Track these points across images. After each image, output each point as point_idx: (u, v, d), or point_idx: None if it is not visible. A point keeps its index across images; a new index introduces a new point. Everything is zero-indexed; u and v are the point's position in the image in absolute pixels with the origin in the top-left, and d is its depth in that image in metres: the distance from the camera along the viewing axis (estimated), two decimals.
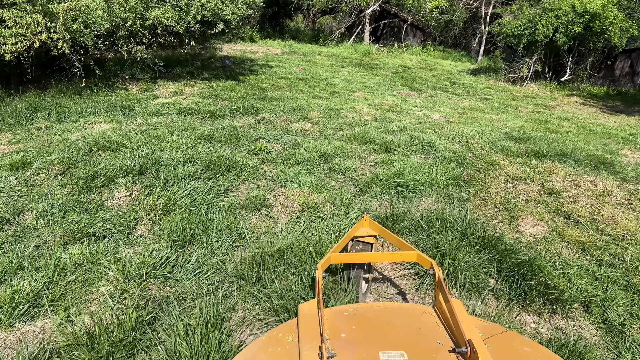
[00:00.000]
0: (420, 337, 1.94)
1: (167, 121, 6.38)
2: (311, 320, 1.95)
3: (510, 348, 1.89)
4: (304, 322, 1.95)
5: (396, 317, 2.08)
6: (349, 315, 2.08)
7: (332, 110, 7.87)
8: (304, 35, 25.81)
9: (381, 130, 6.66)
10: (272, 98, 8.73)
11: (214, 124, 6.47)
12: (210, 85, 9.51)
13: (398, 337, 1.92)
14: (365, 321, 2.03)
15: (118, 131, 5.90)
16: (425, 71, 16.14)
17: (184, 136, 5.60)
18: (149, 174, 4.54)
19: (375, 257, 2.68)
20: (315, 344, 1.79)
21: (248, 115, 7.05)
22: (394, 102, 9.60)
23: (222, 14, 8.66)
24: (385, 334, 1.94)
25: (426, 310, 2.13)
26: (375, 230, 2.87)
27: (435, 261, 2.49)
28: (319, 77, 12.39)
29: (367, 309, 2.16)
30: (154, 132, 5.69)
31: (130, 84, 9.16)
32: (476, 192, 4.77)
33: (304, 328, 1.91)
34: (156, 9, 8.31)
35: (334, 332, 1.93)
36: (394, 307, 2.30)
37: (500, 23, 15.40)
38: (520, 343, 1.93)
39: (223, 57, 13.91)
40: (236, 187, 4.50)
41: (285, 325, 2.02)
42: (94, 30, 7.67)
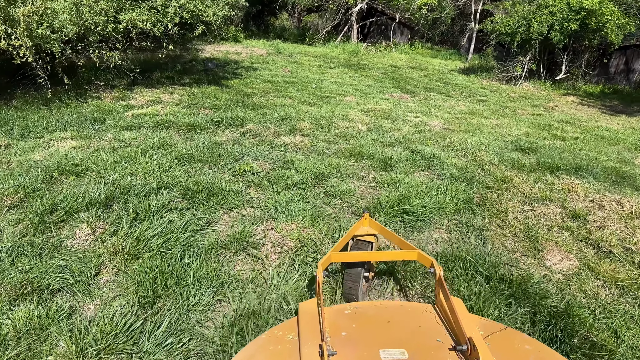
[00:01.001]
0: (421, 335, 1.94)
1: (141, 137, 5.73)
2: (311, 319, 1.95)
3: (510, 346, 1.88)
4: (304, 320, 1.96)
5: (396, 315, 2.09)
6: (349, 313, 2.08)
7: (324, 119, 7.27)
8: (290, 34, 25.15)
9: (379, 143, 6.09)
10: (258, 105, 8.11)
11: (194, 138, 5.85)
12: (191, 92, 8.86)
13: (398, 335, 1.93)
14: (365, 319, 2.04)
15: (85, 150, 5.26)
16: (416, 71, 15.61)
17: (159, 156, 4.97)
18: (116, 205, 3.91)
19: (375, 256, 2.67)
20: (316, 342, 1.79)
21: (232, 128, 6.43)
22: (388, 106, 9.04)
23: (202, 15, 8.02)
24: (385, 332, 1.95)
25: (426, 309, 2.13)
26: (376, 229, 2.87)
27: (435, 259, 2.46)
28: (307, 79, 11.78)
29: (368, 308, 2.16)
30: (125, 152, 5.05)
31: (105, 91, 8.48)
32: (492, 217, 4.21)
33: (304, 326, 1.92)
34: (130, 11, 7.64)
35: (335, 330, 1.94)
36: (394, 305, 2.27)
37: (493, 20, 14.92)
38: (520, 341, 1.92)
39: (205, 59, 13.24)
40: (218, 219, 3.89)
41: (286, 324, 2.02)
42: (61, 36, 6.98)
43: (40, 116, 6.47)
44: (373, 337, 1.92)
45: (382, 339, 1.90)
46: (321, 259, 2.36)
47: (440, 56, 21.44)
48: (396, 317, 2.07)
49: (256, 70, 12.31)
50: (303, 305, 2.08)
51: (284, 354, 1.82)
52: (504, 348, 1.86)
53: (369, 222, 2.91)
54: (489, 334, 1.93)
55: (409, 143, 6.14)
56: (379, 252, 2.74)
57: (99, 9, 7.25)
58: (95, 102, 7.55)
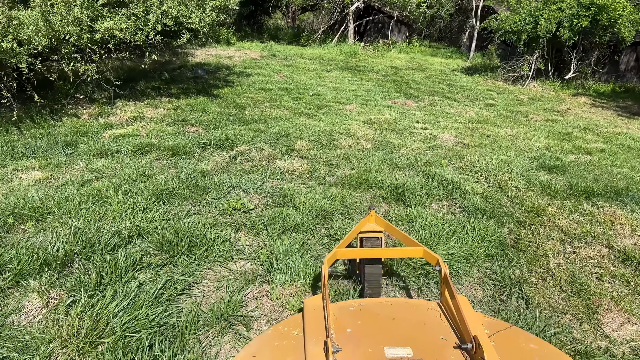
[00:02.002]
0: (426, 333, 1.93)
1: (116, 165, 5.02)
2: (317, 315, 1.95)
3: (515, 345, 1.87)
4: (309, 316, 1.96)
5: (402, 312, 2.08)
6: (354, 310, 2.08)
7: (324, 135, 6.57)
8: (284, 35, 24.41)
9: (387, 165, 5.38)
10: (251, 119, 7.40)
11: (177, 165, 5.14)
12: (177, 105, 8.14)
13: (403, 332, 1.91)
14: (370, 316, 2.03)
15: (51, 184, 4.55)
16: (417, 72, 14.90)
17: (134, 192, 4.26)
18: (76, 265, 3.21)
19: (381, 253, 2.69)
20: (321, 339, 1.78)
21: (221, 150, 5.71)
22: (392, 116, 8.33)
23: (187, 22, 7.29)
24: (390, 329, 1.94)
25: (432, 306, 2.12)
26: (382, 226, 2.87)
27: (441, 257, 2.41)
28: (304, 85, 11.06)
29: (373, 305, 2.15)
30: (96, 187, 4.33)
31: (83, 106, 7.75)
32: (531, 264, 3.52)
33: (309, 322, 1.91)
34: (107, 19, 6.91)
35: (340, 327, 1.93)
36: (399, 302, 2.26)
37: (497, 18, 14.20)
38: (525, 340, 1.91)
39: (195, 65, 12.51)
40: (201, 279, 3.19)
41: (291, 320, 2.04)
42: (29, 49, 6.26)
43: (6, 140, 5.75)
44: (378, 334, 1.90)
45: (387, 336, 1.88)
46: (327, 255, 2.40)
47: (440, 55, 20.72)
48: (401, 315, 2.05)
49: (249, 77, 11.58)
50: (308, 301, 2.07)
51: (289, 349, 1.82)
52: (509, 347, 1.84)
53: (375, 219, 2.89)
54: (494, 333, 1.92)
55: (421, 164, 5.43)
56: (385, 249, 2.78)
57: (72, 17, 6.52)
58: (71, 121, 6.82)
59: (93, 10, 6.81)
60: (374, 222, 2.90)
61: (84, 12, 6.65)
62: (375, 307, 2.12)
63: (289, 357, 1.80)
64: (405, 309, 2.13)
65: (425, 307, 2.13)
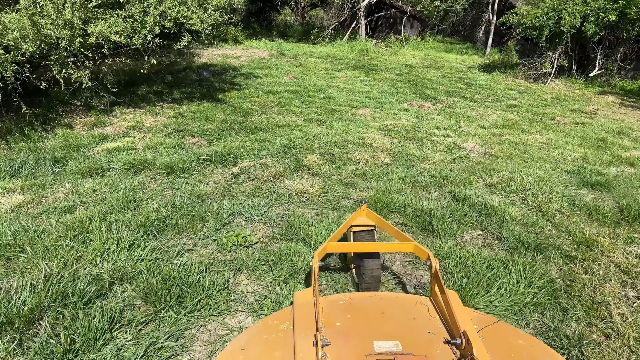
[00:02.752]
0: (415, 328, 1.93)
1: (105, 188, 4.48)
2: (306, 309, 1.94)
3: (504, 340, 1.88)
4: (299, 310, 1.95)
5: (391, 307, 2.07)
6: (344, 304, 2.07)
7: (336, 146, 5.99)
8: (293, 32, 23.80)
9: (409, 184, 4.78)
10: (257, 127, 6.84)
11: (172, 186, 4.59)
12: (179, 112, 7.60)
13: (393, 327, 1.92)
14: (360, 311, 2.03)
15: (31, 211, 4.03)
16: (433, 70, 14.22)
17: (122, 223, 3.72)
18: (45, 323, 2.67)
19: (372, 247, 2.68)
20: (310, 333, 1.78)
21: (223, 167, 5.16)
22: (410, 121, 7.73)
23: (188, 23, 6.73)
24: (380, 323, 1.94)
25: (422, 301, 2.12)
26: (373, 220, 2.88)
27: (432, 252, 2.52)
28: (314, 87, 10.48)
29: (363, 299, 2.14)
30: (78, 217, 3.79)
31: (79, 114, 7.25)
32: (589, 315, 2.92)
33: (299, 316, 1.91)
34: (102, 21, 6.37)
35: (329, 320, 1.93)
36: (389, 297, 2.24)
37: (518, 12, 13.48)
38: (514, 335, 1.92)
39: (201, 66, 11.98)
40: (192, 340, 2.64)
41: (281, 313, 2.02)
42: (15, 56, 5.74)
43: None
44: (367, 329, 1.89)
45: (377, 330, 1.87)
46: (317, 249, 2.41)
47: (455, 50, 19.99)
48: (391, 309, 2.05)
49: (257, 78, 11.02)
50: (298, 295, 2.07)
51: (278, 343, 1.81)
52: (497, 342, 1.84)
53: (367, 212, 2.90)
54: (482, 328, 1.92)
55: (448, 182, 4.82)
56: (376, 244, 2.73)
57: (62, 20, 5.99)
58: (64, 132, 6.30)
59: (86, 12, 6.28)
60: (365, 216, 2.91)
61: (75, 14, 6.12)
62: (364, 301, 2.12)
63: (278, 351, 1.78)
64: (395, 304, 2.12)
65: (415, 302, 2.12)
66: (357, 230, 2.91)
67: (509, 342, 1.89)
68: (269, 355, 1.79)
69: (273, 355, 1.78)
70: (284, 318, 1.98)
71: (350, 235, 2.96)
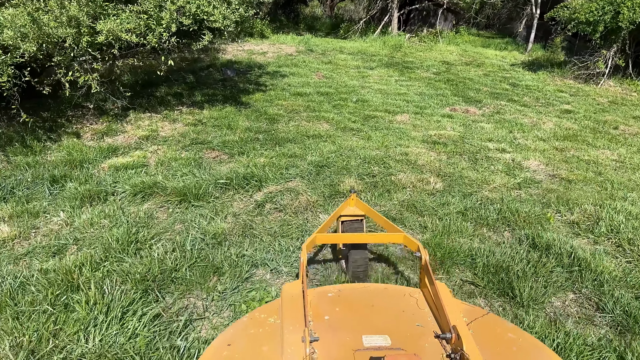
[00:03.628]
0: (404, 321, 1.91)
1: (104, 221, 3.75)
2: (294, 302, 1.90)
3: (493, 333, 1.87)
4: (287, 303, 1.91)
5: (380, 299, 2.05)
6: (332, 296, 2.04)
7: (376, 163, 5.16)
8: (321, 25, 22.87)
9: (471, 221, 3.90)
10: (285, 138, 6.04)
11: (184, 219, 3.82)
12: (199, 119, 6.85)
13: (382, 320, 1.89)
14: (349, 303, 2.00)
15: (11, 255, 3.32)
16: (473, 68, 13.18)
17: (117, 276, 2.96)
18: None
19: (361, 238, 2.71)
20: (298, 327, 1.75)
21: (245, 192, 4.37)
22: (456, 131, 6.83)
23: (209, 20, 5.95)
24: (369, 316, 1.92)
25: (411, 293, 2.10)
26: (362, 210, 2.86)
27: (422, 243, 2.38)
28: (345, 88, 9.62)
29: (352, 291, 2.13)
30: (67, 265, 3.06)
31: (89, 120, 6.57)
32: None
33: (287, 310, 1.87)
34: (112, 17, 5.65)
35: (318, 314, 1.90)
36: (378, 288, 2.22)
37: (568, 6, 12.33)
38: (504, 329, 1.90)
39: (225, 64, 11.24)
40: None
41: (268, 306, 2.00)
42: (13, 57, 5.06)
43: None
44: (356, 322, 1.87)
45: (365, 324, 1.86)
46: (305, 241, 2.40)
47: (493, 46, 18.80)
48: (380, 301, 2.03)
49: (284, 78, 10.21)
50: (286, 287, 2.03)
51: (265, 337, 1.78)
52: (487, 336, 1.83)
53: (356, 202, 2.88)
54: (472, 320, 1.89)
55: (519, 219, 3.92)
56: (364, 235, 2.77)
57: (66, 17, 5.28)
58: (69, 143, 5.62)
59: (94, 7, 5.56)
60: (354, 206, 2.87)
61: (82, 9, 5.41)
62: (353, 293, 2.11)
63: (266, 346, 1.74)
64: (385, 296, 2.10)
65: (405, 294, 2.11)
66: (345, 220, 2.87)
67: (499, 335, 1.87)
68: (256, 350, 1.74)
69: (260, 350, 1.74)
70: (272, 311, 1.93)
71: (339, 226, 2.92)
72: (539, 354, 1.82)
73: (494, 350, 1.78)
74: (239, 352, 1.73)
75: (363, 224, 2.86)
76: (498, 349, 1.80)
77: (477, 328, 1.86)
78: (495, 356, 1.76)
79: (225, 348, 1.74)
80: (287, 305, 1.89)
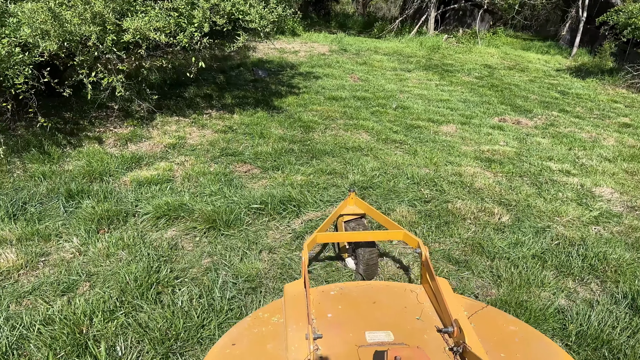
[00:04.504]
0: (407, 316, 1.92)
1: (122, 253, 3.26)
2: (297, 301, 1.90)
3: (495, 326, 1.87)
4: (290, 302, 1.92)
5: (382, 296, 2.06)
6: (335, 294, 2.06)
7: (426, 185, 4.59)
8: (354, 23, 22.24)
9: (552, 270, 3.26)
10: (322, 151, 5.49)
11: (213, 252, 3.30)
12: (229, 125, 6.34)
13: (384, 316, 1.91)
14: (351, 301, 2.02)
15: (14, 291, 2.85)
16: (517, 73, 12.41)
17: (132, 335, 2.45)
18: None
19: (361, 236, 2.69)
20: (302, 325, 1.76)
21: (281, 219, 3.83)
22: (510, 146, 6.19)
23: (245, 19, 5.42)
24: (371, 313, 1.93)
25: (412, 289, 2.12)
26: (362, 208, 2.91)
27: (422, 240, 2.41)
28: (383, 92, 9.02)
29: (353, 288, 2.14)
30: (74, 311, 2.57)
31: (113, 123, 6.13)
32: None
33: (290, 308, 1.88)
34: (141, 15, 5.18)
35: (320, 312, 1.92)
36: (380, 285, 2.24)
37: (623, 10, 11.47)
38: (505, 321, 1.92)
39: (256, 63, 10.75)
40: None
41: (271, 306, 2.01)
42: (32, 56, 4.63)
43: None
44: (359, 319, 1.88)
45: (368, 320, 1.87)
46: (306, 240, 2.44)
47: (534, 49, 17.90)
48: (382, 298, 2.03)
49: (317, 79, 9.65)
50: (288, 286, 2.05)
51: (269, 336, 1.78)
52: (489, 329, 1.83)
53: (355, 201, 2.94)
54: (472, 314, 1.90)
55: (610, 269, 3.28)
56: (364, 232, 2.73)
57: (90, 14, 4.82)
58: (90, 150, 5.18)
59: (121, 3, 5.09)
60: (354, 205, 2.95)
61: (108, 4, 4.94)
62: (355, 290, 2.12)
63: (270, 344, 1.74)
64: (386, 293, 2.10)
65: (406, 290, 2.11)
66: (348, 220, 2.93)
67: (501, 328, 1.87)
68: (260, 348, 1.74)
69: (264, 348, 1.73)
70: (275, 311, 1.94)
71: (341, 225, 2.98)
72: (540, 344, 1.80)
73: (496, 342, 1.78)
74: (244, 351, 1.73)
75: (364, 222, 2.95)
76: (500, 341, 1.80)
77: (478, 321, 1.87)
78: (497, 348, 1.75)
79: (230, 347, 1.74)
80: (290, 304, 1.90)
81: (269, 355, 1.71)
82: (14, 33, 4.53)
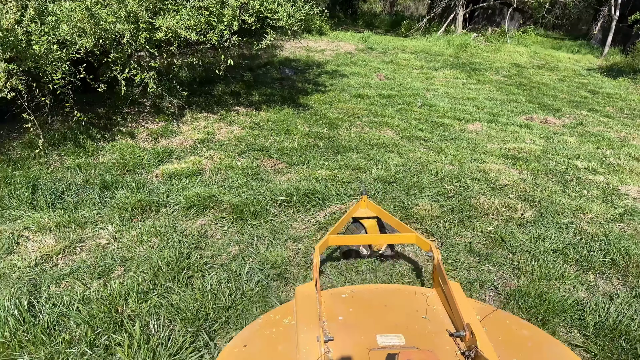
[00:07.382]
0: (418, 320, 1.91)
1: (155, 240, 3.41)
2: (308, 303, 1.89)
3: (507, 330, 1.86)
4: (301, 304, 1.90)
5: (393, 299, 2.05)
6: (346, 297, 2.06)
7: (450, 181, 4.63)
8: (381, 22, 22.26)
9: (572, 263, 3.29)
10: (346, 147, 5.58)
11: (240, 240, 3.43)
12: (256, 122, 6.49)
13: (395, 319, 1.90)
14: (362, 303, 2.02)
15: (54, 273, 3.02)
16: (546, 72, 12.26)
17: (164, 313, 2.59)
18: None
19: (374, 239, 2.74)
20: (313, 327, 1.75)
21: (306, 211, 3.93)
22: (537, 144, 6.16)
23: (273, 18, 5.55)
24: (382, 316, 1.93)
25: (424, 292, 2.12)
26: (374, 211, 2.92)
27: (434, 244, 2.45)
28: (409, 90, 9.04)
29: (364, 291, 2.15)
30: (111, 292, 2.72)
31: (145, 119, 6.34)
32: None
33: (301, 311, 1.86)
34: (173, 13, 5.35)
35: (332, 314, 1.91)
36: (391, 289, 2.23)
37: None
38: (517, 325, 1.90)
39: (283, 62, 10.90)
40: None
41: (283, 308, 2.03)
42: (69, 53, 4.84)
43: (29, 176, 4.34)
44: (370, 322, 1.88)
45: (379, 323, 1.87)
46: (318, 242, 2.43)
47: (564, 48, 17.61)
48: (393, 301, 2.03)
49: (343, 78, 9.74)
50: (300, 289, 2.03)
51: (280, 338, 1.79)
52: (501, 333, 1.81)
53: (367, 204, 2.94)
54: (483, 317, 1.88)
55: (632, 265, 3.28)
56: (377, 235, 2.80)
57: (125, 12, 5.01)
58: (123, 144, 5.38)
59: (154, 2, 5.27)
60: (365, 208, 2.95)
61: (142, 4, 5.13)
62: (366, 293, 2.12)
63: (281, 346, 1.74)
64: (397, 296, 2.10)
65: (417, 293, 2.11)
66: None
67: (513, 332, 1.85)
68: (271, 350, 1.74)
69: (276, 349, 1.74)
70: (286, 313, 1.94)
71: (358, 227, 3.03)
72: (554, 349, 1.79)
73: (509, 347, 1.76)
74: (255, 352, 1.74)
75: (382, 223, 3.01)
76: (513, 345, 1.78)
77: (491, 325, 1.85)
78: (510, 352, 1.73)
79: (241, 348, 1.75)
80: (301, 306, 1.89)
81: (280, 356, 1.72)
82: (52, 31, 4.74)
